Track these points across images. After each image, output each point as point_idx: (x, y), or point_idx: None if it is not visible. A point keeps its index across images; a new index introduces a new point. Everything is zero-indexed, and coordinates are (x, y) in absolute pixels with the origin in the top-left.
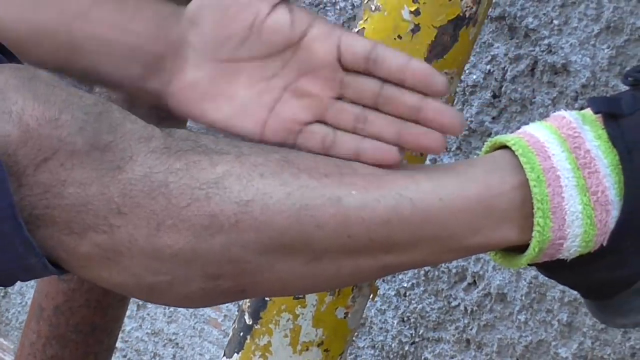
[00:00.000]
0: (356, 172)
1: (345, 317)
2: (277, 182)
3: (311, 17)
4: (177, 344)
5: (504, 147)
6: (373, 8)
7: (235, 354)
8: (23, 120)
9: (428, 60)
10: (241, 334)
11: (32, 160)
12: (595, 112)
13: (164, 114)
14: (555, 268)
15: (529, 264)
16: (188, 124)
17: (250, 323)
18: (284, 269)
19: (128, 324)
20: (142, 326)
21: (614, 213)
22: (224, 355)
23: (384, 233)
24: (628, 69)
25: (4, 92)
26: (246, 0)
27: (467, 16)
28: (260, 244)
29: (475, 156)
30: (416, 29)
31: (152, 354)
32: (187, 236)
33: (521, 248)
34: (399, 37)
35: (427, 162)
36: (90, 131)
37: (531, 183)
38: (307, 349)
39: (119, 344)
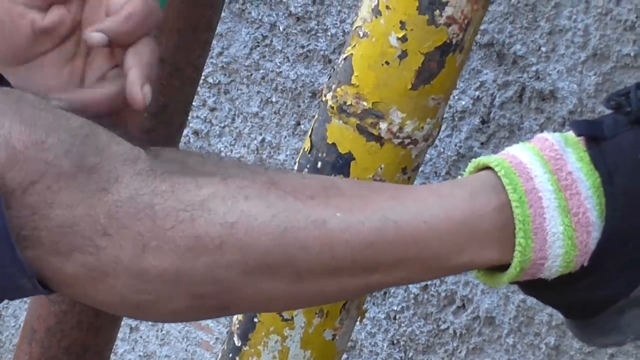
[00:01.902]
0: (342, 193)
1: (333, 339)
2: (263, 204)
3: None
4: None
5: (488, 167)
6: (361, 34)
7: None
8: (10, 143)
9: (415, 86)
10: (230, 355)
11: (20, 183)
12: (578, 135)
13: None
14: (537, 287)
15: (510, 282)
16: (182, 143)
17: (239, 345)
18: (268, 288)
19: (121, 347)
20: (134, 349)
21: (595, 234)
22: None
23: (367, 254)
24: (610, 93)
25: None
26: (19, 10)
27: (453, 43)
28: (244, 264)
29: None
30: (403, 55)
31: None
32: (171, 257)
33: (503, 267)
34: (387, 62)
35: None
36: (77, 153)
37: (513, 204)
38: None
39: None
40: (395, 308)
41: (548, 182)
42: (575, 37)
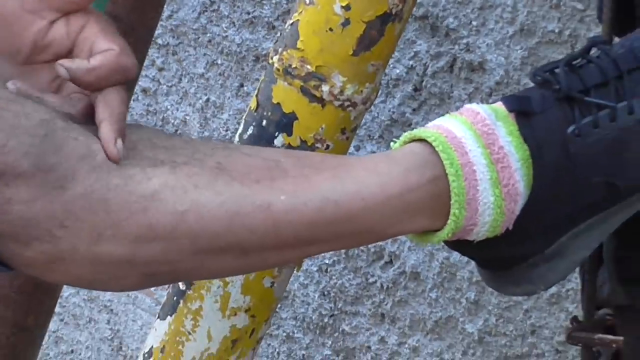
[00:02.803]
0: (286, 174)
1: (271, 286)
2: (211, 192)
3: (83, 22)
4: (111, 310)
5: (421, 139)
6: (307, 1)
7: (169, 317)
8: None
9: (356, 52)
10: (175, 298)
11: None
12: (509, 111)
13: None
14: (461, 244)
15: None
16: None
17: (184, 289)
18: (216, 264)
19: (66, 290)
20: (79, 292)
21: (521, 202)
22: (157, 317)
23: (309, 232)
24: (536, 67)
25: None
26: (28, 18)
27: (393, 13)
28: (195, 248)
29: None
30: (346, 22)
31: (88, 319)
32: (125, 245)
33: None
34: (330, 29)
35: (351, 147)
36: (35, 154)
37: (450, 178)
38: (235, 314)
39: (57, 309)
40: (327, 262)
41: (481, 156)
42: (504, 13)
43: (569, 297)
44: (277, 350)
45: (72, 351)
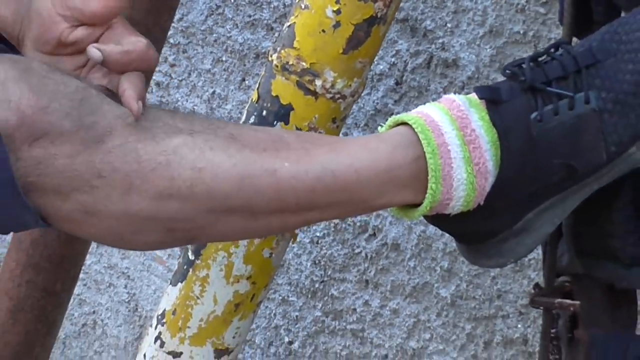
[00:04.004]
0: (289, 147)
1: (270, 257)
2: (225, 155)
3: (106, 26)
4: (128, 276)
5: (405, 123)
6: (303, 6)
7: (179, 283)
8: (20, 109)
9: (346, 50)
10: (185, 267)
11: (26, 139)
12: (480, 98)
13: None
14: (440, 218)
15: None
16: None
17: (193, 259)
18: (227, 224)
19: (88, 259)
20: (100, 260)
21: (491, 180)
22: (169, 284)
23: (309, 197)
24: (506, 63)
25: (5, 83)
26: (57, 19)
27: (378, 16)
28: (210, 205)
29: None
30: (337, 25)
31: (108, 284)
32: (151, 198)
33: (415, 204)
34: (323, 31)
35: (340, 134)
36: (76, 115)
37: (427, 155)
38: (238, 281)
39: (80, 275)
40: (318, 234)
41: (455, 137)
42: (475, 16)
43: (531, 266)
44: (273, 312)
45: (93, 312)
